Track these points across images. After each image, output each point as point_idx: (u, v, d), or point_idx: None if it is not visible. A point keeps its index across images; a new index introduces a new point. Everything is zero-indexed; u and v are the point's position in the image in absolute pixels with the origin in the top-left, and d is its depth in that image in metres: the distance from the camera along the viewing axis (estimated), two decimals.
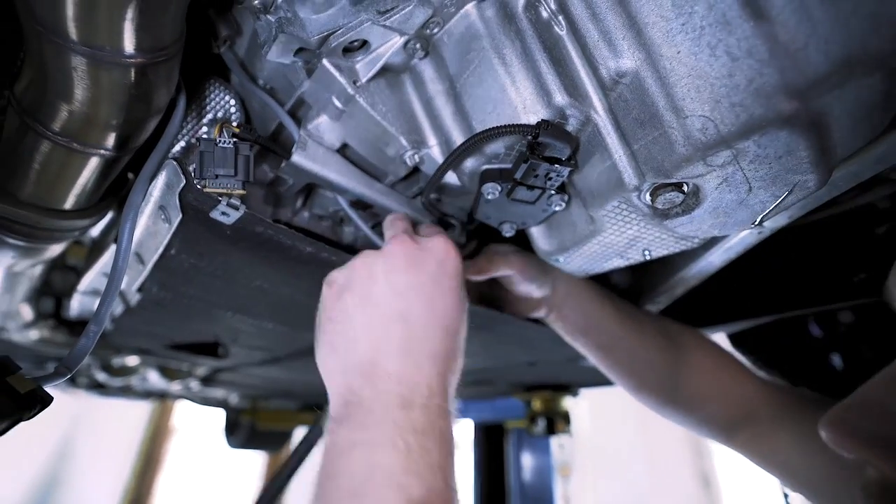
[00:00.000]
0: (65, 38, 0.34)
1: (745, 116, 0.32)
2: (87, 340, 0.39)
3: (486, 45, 0.42)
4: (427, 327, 0.40)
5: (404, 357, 0.38)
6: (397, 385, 0.37)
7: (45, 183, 0.46)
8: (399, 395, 0.36)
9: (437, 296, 0.42)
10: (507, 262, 0.63)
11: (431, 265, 0.43)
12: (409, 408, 0.35)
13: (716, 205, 0.41)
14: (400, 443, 0.33)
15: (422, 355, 0.39)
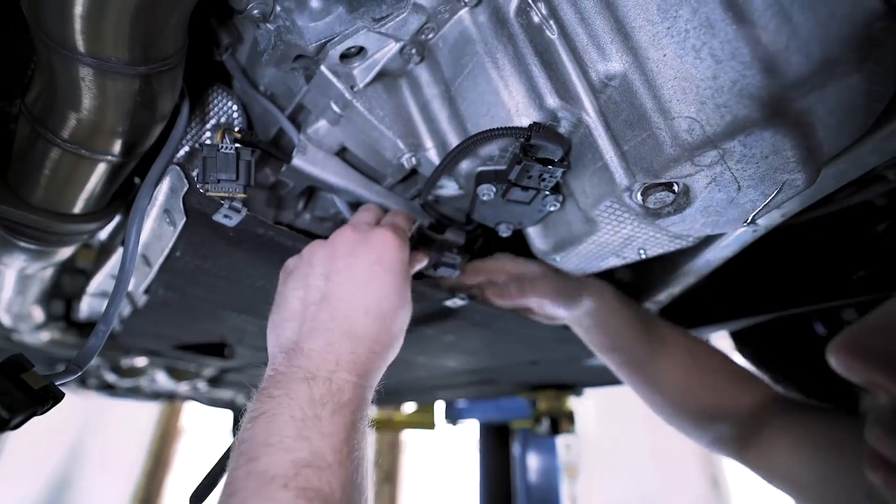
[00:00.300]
0: (72, 50, 0.36)
1: (729, 117, 0.33)
2: (96, 339, 0.40)
3: (479, 50, 0.43)
4: (350, 309, 0.42)
5: (320, 335, 0.41)
6: (307, 360, 0.40)
7: (55, 188, 0.47)
8: (306, 370, 0.39)
9: (366, 281, 0.43)
10: (536, 291, 0.63)
11: (368, 254, 0.44)
12: (313, 380, 0.38)
13: (706, 204, 0.41)
14: (297, 412, 0.36)
15: (337, 334, 0.41)
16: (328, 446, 0.34)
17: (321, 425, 0.35)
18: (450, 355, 0.96)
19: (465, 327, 0.73)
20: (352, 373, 0.40)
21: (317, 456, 0.34)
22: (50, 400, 0.31)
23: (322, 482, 0.33)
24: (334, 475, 0.33)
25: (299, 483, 0.32)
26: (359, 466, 0.36)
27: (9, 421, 0.27)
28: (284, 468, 0.33)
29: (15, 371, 0.30)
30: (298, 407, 0.36)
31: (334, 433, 0.35)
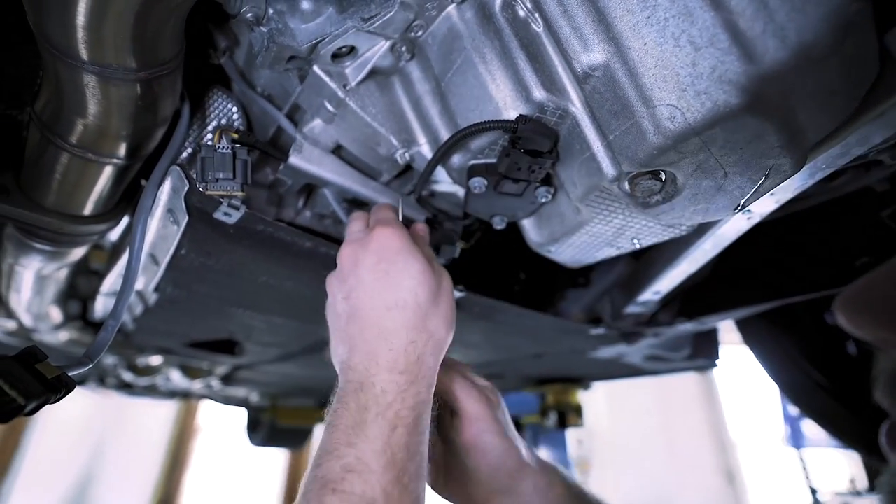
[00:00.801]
0: (76, 58, 0.38)
1: (710, 104, 0.33)
2: (106, 334, 0.42)
3: (466, 45, 0.44)
4: (372, 312, 0.44)
5: (359, 347, 0.43)
6: (355, 373, 0.42)
7: (65, 191, 0.50)
8: (356, 381, 0.41)
9: (376, 283, 0.45)
10: None
11: (369, 259, 0.45)
12: (361, 389, 0.41)
13: (694, 191, 0.42)
14: (349, 420, 0.39)
15: (371, 339, 0.43)
16: (371, 451, 0.37)
17: (366, 430, 0.38)
18: (452, 349, 0.97)
19: (466, 320, 0.74)
20: (393, 371, 0.41)
21: (360, 461, 0.36)
22: (63, 389, 0.33)
23: (365, 487, 0.35)
24: (377, 478, 0.35)
25: (345, 488, 0.35)
26: (405, 468, 0.37)
27: (24, 406, 0.29)
28: (335, 474, 0.36)
29: (30, 361, 0.32)
30: (349, 415, 0.39)
31: (377, 437, 0.37)
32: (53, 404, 0.33)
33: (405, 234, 0.47)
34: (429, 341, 0.44)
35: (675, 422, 3.93)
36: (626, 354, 1.13)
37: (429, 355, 0.44)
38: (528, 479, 0.50)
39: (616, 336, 0.92)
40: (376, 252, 0.45)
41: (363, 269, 0.45)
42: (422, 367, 0.43)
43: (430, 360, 0.44)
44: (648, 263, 0.75)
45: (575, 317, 0.95)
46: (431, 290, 0.45)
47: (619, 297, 0.87)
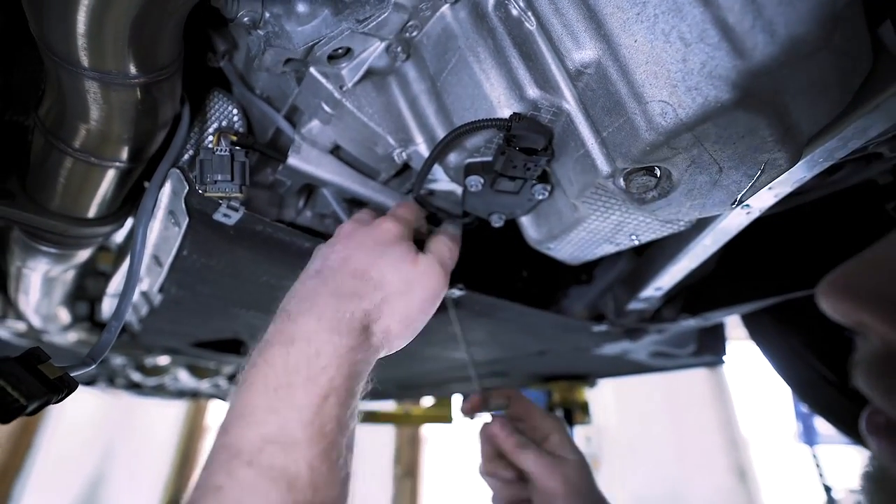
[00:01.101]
0: (77, 65, 0.39)
1: (700, 99, 0.33)
2: (109, 335, 0.43)
3: (461, 45, 0.44)
4: (339, 276, 0.41)
5: (306, 299, 0.40)
6: (291, 324, 0.38)
7: (69, 195, 0.51)
8: (286, 332, 0.37)
9: (357, 254, 0.43)
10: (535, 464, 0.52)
11: (363, 236, 0.44)
12: (291, 344, 0.36)
13: (690, 187, 0.42)
14: (271, 380, 0.34)
15: (322, 296, 0.39)
16: (297, 420, 0.32)
17: (293, 395, 0.33)
18: (457, 347, 0.98)
19: (468, 317, 0.75)
20: (334, 332, 0.37)
21: (284, 431, 0.31)
22: (65, 389, 0.34)
23: (288, 460, 0.30)
24: (301, 453, 0.31)
25: (263, 461, 0.30)
26: (335, 440, 0.33)
27: (25, 407, 0.30)
28: (251, 443, 0.31)
29: (32, 362, 0.33)
30: (273, 374, 0.34)
31: (306, 405, 0.33)
32: (56, 404, 0.34)
33: (408, 234, 0.47)
34: (381, 320, 0.41)
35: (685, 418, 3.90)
36: (630, 351, 1.12)
37: (378, 333, 0.40)
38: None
39: (619, 333, 0.92)
40: (374, 234, 0.45)
41: (353, 241, 0.44)
42: (367, 339, 0.39)
43: (376, 339, 0.40)
44: (649, 260, 0.75)
45: (578, 314, 0.95)
46: (406, 282, 0.43)
47: (622, 293, 0.87)
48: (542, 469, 0.51)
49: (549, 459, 0.52)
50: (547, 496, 0.51)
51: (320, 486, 0.31)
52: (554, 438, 0.55)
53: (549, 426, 0.56)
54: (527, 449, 0.53)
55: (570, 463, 0.53)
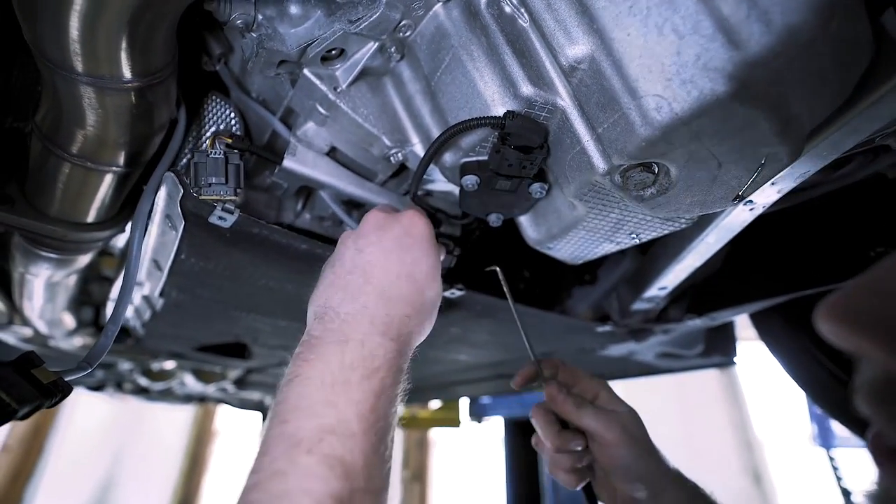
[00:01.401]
0: (72, 70, 0.39)
1: (696, 92, 0.32)
2: (105, 339, 0.43)
3: (454, 43, 0.44)
4: (383, 273, 0.43)
5: (353, 300, 0.41)
6: (341, 324, 0.40)
7: (68, 200, 0.51)
8: (339, 332, 0.39)
9: (396, 251, 0.44)
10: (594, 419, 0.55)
11: (396, 229, 0.45)
12: (346, 343, 0.38)
13: (688, 183, 0.41)
14: (328, 377, 0.36)
15: (371, 297, 0.41)
16: (354, 413, 0.34)
17: (350, 391, 0.35)
18: (460, 349, 0.97)
19: (469, 318, 0.74)
20: (385, 335, 0.40)
21: (342, 423, 0.34)
22: (58, 394, 0.34)
23: (345, 450, 0.33)
24: (357, 444, 0.33)
25: (323, 449, 0.32)
26: (384, 435, 0.36)
27: (17, 411, 0.30)
28: (310, 433, 0.33)
29: (25, 367, 0.33)
30: (329, 371, 0.36)
31: (362, 400, 0.35)
32: (51, 408, 0.34)
33: (430, 226, 0.47)
34: (418, 325, 0.43)
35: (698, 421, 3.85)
36: (636, 352, 1.11)
37: (415, 335, 0.43)
38: (668, 493, 0.54)
39: (624, 333, 0.91)
40: (406, 227, 0.45)
41: (387, 234, 0.45)
42: (409, 343, 0.42)
43: (413, 340, 0.43)
44: (653, 259, 0.74)
45: (582, 314, 0.93)
46: (435, 291, 0.46)
47: (626, 293, 0.86)
48: (600, 423, 0.55)
49: (604, 414, 0.56)
50: (609, 448, 0.54)
51: (373, 475, 0.33)
52: (603, 395, 0.59)
53: (596, 386, 0.59)
54: (584, 407, 0.56)
55: (623, 415, 0.57)
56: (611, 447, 0.54)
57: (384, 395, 0.37)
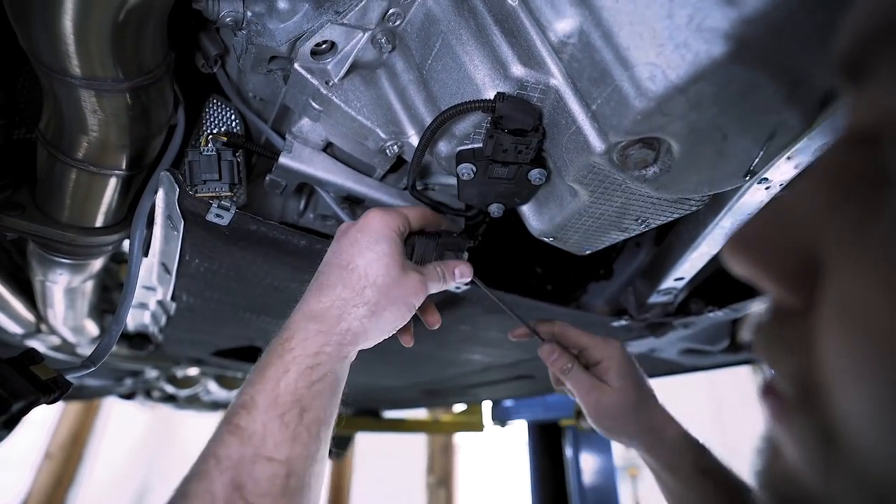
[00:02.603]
0: (67, 74, 0.40)
1: (690, 57, 0.31)
2: (109, 338, 0.44)
3: (443, 29, 0.43)
4: (325, 268, 0.47)
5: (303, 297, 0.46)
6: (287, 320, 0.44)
7: (76, 205, 0.52)
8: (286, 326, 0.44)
9: (344, 249, 0.47)
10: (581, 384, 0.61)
11: (351, 231, 0.48)
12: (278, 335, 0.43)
13: (693, 158, 0.39)
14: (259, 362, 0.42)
15: (310, 292, 0.46)
16: (261, 391, 0.39)
17: (264, 372, 0.40)
18: (473, 348, 0.95)
19: (478, 315, 0.73)
20: (307, 318, 0.43)
21: (252, 399, 0.39)
22: (56, 390, 0.34)
23: (247, 421, 0.38)
24: (259, 415, 0.38)
25: (237, 421, 0.38)
26: (289, 409, 0.39)
27: (10, 404, 0.30)
28: (232, 409, 0.39)
29: (24, 363, 0.33)
30: (262, 358, 0.42)
31: (270, 378, 0.40)
32: (50, 404, 0.35)
33: (392, 221, 0.48)
34: (359, 308, 0.44)
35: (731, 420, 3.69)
36: (658, 349, 1.07)
37: (353, 320, 0.44)
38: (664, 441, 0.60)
39: (641, 328, 0.88)
40: (359, 226, 0.48)
41: (344, 237, 0.48)
42: (339, 325, 0.43)
43: (354, 325, 0.44)
44: (667, 249, 0.71)
45: (598, 310, 0.90)
46: (388, 271, 0.46)
47: (643, 286, 0.83)
48: (578, 390, 0.60)
49: (587, 382, 0.61)
50: (586, 410, 0.61)
51: (269, 443, 0.38)
52: (602, 364, 0.62)
53: (600, 353, 0.62)
54: (569, 373, 0.61)
55: (607, 389, 0.60)
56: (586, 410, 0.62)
57: (292, 370, 0.40)
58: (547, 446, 2.43)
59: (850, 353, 0.15)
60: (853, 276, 0.15)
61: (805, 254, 0.17)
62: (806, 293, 0.17)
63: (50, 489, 2.92)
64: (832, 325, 0.16)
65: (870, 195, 0.16)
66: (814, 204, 0.18)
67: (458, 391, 1.72)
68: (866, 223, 0.16)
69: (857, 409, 0.15)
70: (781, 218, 0.19)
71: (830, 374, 0.16)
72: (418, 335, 0.60)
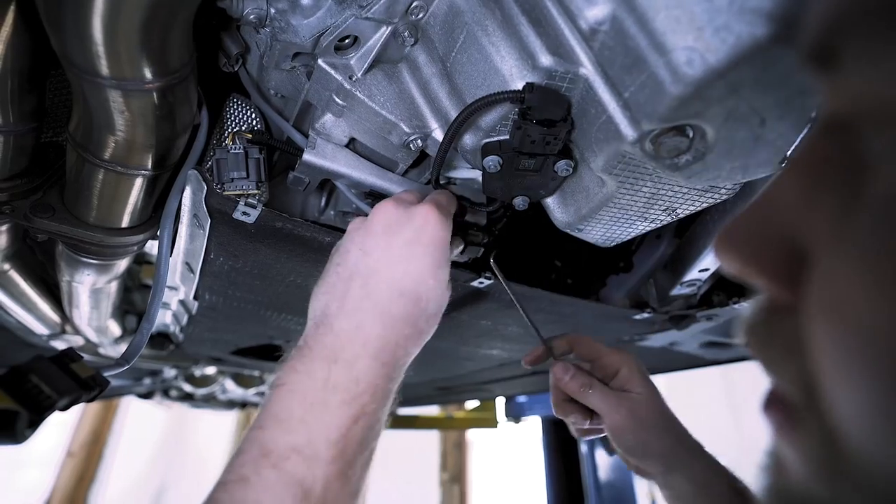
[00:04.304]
0: (97, 75, 0.40)
1: (731, 39, 0.30)
2: (141, 337, 0.44)
3: (468, 20, 0.43)
4: (383, 289, 0.41)
5: (349, 316, 0.39)
6: (333, 339, 0.38)
7: (104, 206, 0.53)
8: (330, 348, 0.38)
9: (403, 259, 0.41)
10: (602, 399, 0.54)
11: (407, 230, 0.42)
12: (333, 362, 0.37)
13: (729, 145, 0.38)
14: (309, 394, 0.36)
15: (368, 315, 0.39)
16: (324, 438, 0.34)
17: (326, 414, 0.35)
18: (492, 343, 0.95)
19: (499, 310, 0.72)
20: (377, 359, 0.39)
21: (310, 445, 0.34)
22: (97, 387, 0.35)
23: (307, 473, 0.33)
24: (321, 468, 0.33)
25: (286, 467, 0.33)
26: (353, 462, 0.35)
27: (56, 402, 0.30)
28: (280, 447, 0.34)
29: (65, 361, 0.34)
30: (313, 388, 0.36)
31: (337, 426, 0.35)
32: (89, 402, 0.35)
33: (449, 233, 0.45)
34: (415, 344, 0.42)
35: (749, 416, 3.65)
36: (678, 342, 1.06)
37: (410, 354, 0.42)
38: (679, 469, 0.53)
39: (664, 321, 0.87)
40: (417, 229, 0.42)
41: (396, 237, 0.42)
42: (399, 366, 0.40)
43: (408, 360, 0.42)
44: (692, 239, 0.70)
45: (619, 302, 0.90)
46: (439, 304, 0.43)
47: (665, 279, 0.82)
48: (607, 406, 0.54)
49: (614, 396, 0.54)
50: (616, 430, 0.54)
51: (329, 501, 0.33)
52: (623, 373, 0.56)
53: (617, 362, 0.57)
54: (591, 389, 0.55)
55: (635, 397, 0.55)
56: (619, 430, 0.54)
57: (362, 420, 0.36)
58: (561, 442, 2.42)
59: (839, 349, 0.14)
60: (837, 266, 0.15)
61: (791, 246, 0.17)
62: (796, 287, 0.16)
63: (73, 486, 2.98)
64: (819, 320, 0.15)
65: (849, 183, 0.15)
66: (796, 195, 0.17)
67: (473, 387, 1.72)
68: (847, 212, 0.15)
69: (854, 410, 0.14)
70: (766, 210, 0.18)
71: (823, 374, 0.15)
72: (438, 331, 0.60)
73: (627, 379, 0.56)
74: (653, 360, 1.25)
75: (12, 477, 2.77)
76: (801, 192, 0.17)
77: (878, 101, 0.15)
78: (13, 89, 0.44)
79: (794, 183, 0.18)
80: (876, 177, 0.14)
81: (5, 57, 0.41)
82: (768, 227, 0.18)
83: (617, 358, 0.57)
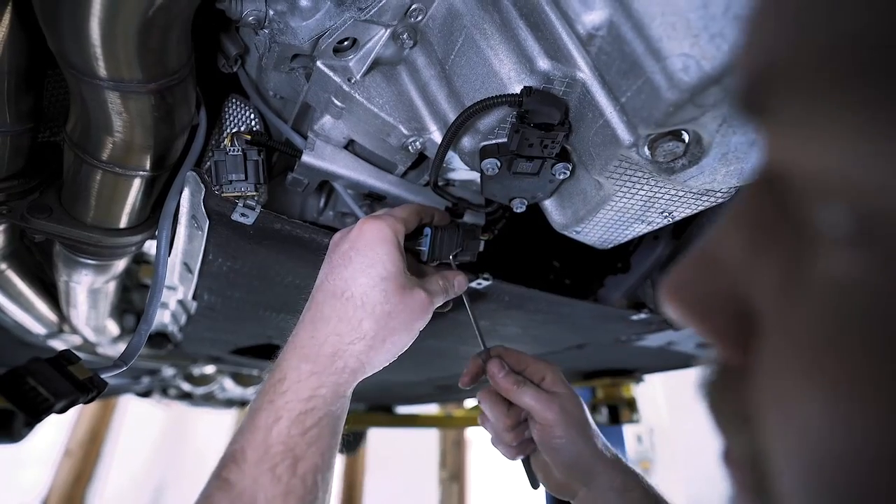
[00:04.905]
0: (95, 76, 0.40)
1: (726, 46, 0.30)
2: (139, 338, 0.44)
3: (466, 23, 0.43)
4: (319, 296, 0.44)
5: (296, 327, 0.44)
6: (281, 351, 0.43)
7: (102, 207, 0.53)
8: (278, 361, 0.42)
9: (339, 267, 0.44)
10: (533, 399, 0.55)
11: (344, 243, 0.45)
12: (271, 372, 0.42)
13: (723, 150, 0.38)
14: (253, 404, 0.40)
15: (304, 321, 0.43)
16: (251, 441, 0.37)
17: (256, 419, 0.38)
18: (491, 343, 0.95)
19: (498, 310, 0.73)
20: (300, 358, 0.41)
21: (241, 451, 0.37)
22: (94, 389, 0.35)
23: (238, 476, 0.35)
24: (249, 470, 0.36)
25: (223, 473, 0.36)
26: (280, 460, 0.36)
27: (53, 405, 0.31)
28: (224, 459, 0.37)
29: (62, 363, 0.34)
30: (255, 399, 0.39)
31: (261, 427, 0.37)
32: (86, 404, 0.35)
33: (390, 231, 0.45)
34: (356, 344, 0.41)
35: None
36: (676, 342, 1.06)
37: (350, 357, 0.41)
38: (602, 476, 0.54)
39: (661, 321, 0.87)
40: (353, 239, 0.45)
41: (336, 253, 0.45)
42: (334, 363, 0.40)
43: (351, 362, 0.41)
44: (688, 241, 0.70)
45: (616, 303, 0.90)
46: (387, 298, 0.43)
47: (662, 279, 0.82)
48: (539, 402, 0.56)
49: (545, 393, 0.57)
50: (546, 427, 0.56)
51: (259, 499, 0.35)
52: (548, 378, 0.59)
53: (543, 369, 0.60)
54: (523, 386, 0.57)
55: (563, 395, 0.58)
56: (548, 427, 0.55)
57: (284, 418, 0.37)
58: None
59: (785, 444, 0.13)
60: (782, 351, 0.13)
61: (740, 308, 0.15)
62: (748, 350, 0.15)
63: (70, 485, 2.98)
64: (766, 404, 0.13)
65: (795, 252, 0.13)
66: (741, 252, 0.15)
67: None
68: (793, 284, 0.13)
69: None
70: (713, 265, 0.16)
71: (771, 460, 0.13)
72: (438, 330, 0.60)
73: (553, 382, 0.59)
74: (650, 360, 1.25)
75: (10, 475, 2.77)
76: (745, 250, 0.15)
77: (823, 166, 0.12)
78: (10, 89, 0.44)
79: (738, 238, 0.16)
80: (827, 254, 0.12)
81: (2, 57, 0.41)
82: (716, 283, 0.16)
83: (543, 366, 0.60)
